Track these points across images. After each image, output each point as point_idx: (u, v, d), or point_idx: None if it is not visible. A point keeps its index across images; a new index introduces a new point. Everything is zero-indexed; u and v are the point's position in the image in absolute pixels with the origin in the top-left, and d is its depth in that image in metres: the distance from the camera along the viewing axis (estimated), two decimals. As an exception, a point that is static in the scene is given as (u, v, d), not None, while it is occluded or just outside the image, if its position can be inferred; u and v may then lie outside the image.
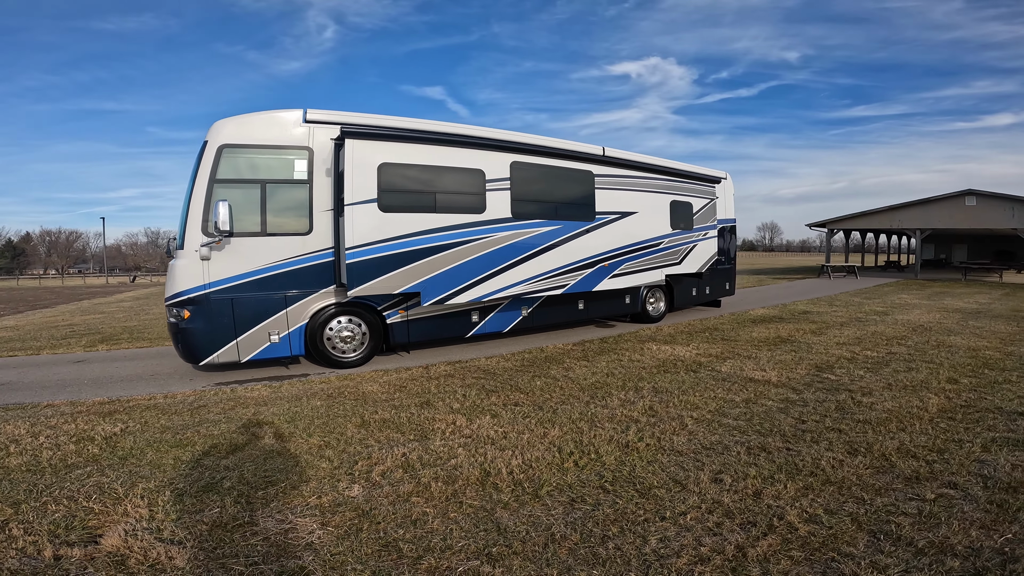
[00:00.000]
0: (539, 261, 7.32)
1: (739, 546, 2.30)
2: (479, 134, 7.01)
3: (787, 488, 2.89)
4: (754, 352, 7.02)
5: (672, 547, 2.32)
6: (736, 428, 3.99)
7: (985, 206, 22.74)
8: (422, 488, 3.00)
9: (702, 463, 3.30)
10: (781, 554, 2.24)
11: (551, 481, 3.05)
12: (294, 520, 2.66)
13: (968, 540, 2.34)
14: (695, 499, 2.78)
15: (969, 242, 36.45)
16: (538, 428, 4.04)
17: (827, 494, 2.83)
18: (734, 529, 2.46)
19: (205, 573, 2.22)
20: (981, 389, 5.13)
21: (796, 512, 2.61)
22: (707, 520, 2.56)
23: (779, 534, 2.40)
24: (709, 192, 10.28)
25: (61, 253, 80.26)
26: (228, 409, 4.77)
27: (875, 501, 2.74)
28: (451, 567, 2.22)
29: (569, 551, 2.31)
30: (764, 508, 2.66)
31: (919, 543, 2.31)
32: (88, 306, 17.61)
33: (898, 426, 4.01)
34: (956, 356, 6.67)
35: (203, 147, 5.77)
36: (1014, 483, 3.00)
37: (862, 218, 26.91)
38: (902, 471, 3.14)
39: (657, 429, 3.97)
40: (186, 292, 5.70)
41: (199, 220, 5.65)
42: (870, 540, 2.36)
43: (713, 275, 11.12)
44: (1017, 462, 3.32)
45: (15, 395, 5.50)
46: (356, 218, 5.86)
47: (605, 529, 2.49)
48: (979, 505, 2.71)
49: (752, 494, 2.83)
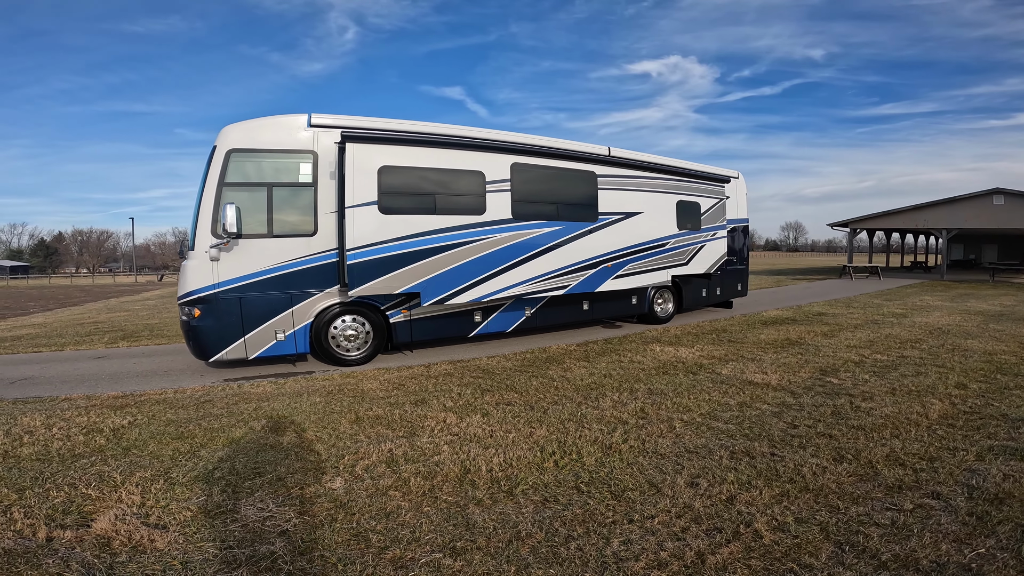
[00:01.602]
0: (540, 262, 7.36)
1: (700, 552, 2.32)
2: (479, 136, 7.08)
3: (762, 494, 2.88)
4: (759, 354, 6.93)
5: (633, 550, 2.35)
6: (724, 432, 3.97)
7: (1014, 205, 21.83)
8: (401, 483, 3.09)
9: (682, 466, 3.30)
10: (740, 563, 2.24)
11: (528, 480, 3.11)
12: (274, 509, 2.78)
13: (936, 554, 2.30)
14: (667, 503, 2.80)
15: (1000, 242, 35.00)
16: (525, 428, 4.10)
17: (802, 502, 2.81)
18: (699, 535, 2.48)
19: (181, 555, 2.36)
20: (990, 395, 4.98)
21: (765, 520, 2.60)
22: (674, 525, 2.57)
23: (743, 542, 2.41)
24: (718, 192, 10.14)
25: (92, 252, 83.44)
26: (232, 404, 4.95)
27: (850, 510, 2.71)
28: (415, 558, 2.31)
29: (531, 549, 2.37)
30: (734, 514, 2.67)
31: (883, 556, 2.28)
32: (115, 304, 18.33)
33: (892, 432, 3.93)
34: (970, 360, 6.47)
35: (212, 152, 5.98)
36: (1001, 494, 2.92)
37: (886, 218, 26.11)
38: (885, 480, 3.10)
39: (644, 431, 3.98)
40: (196, 291, 5.92)
41: (208, 222, 5.86)
42: (834, 551, 2.34)
43: (724, 276, 10.97)
44: (1010, 472, 3.23)
45: (36, 389, 5.80)
46: (357, 220, 6.00)
47: (571, 529, 2.54)
48: (957, 517, 2.66)
49: (725, 500, 2.83)
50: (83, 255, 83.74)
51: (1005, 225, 22.64)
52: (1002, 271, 25.08)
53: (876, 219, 26.49)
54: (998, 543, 2.43)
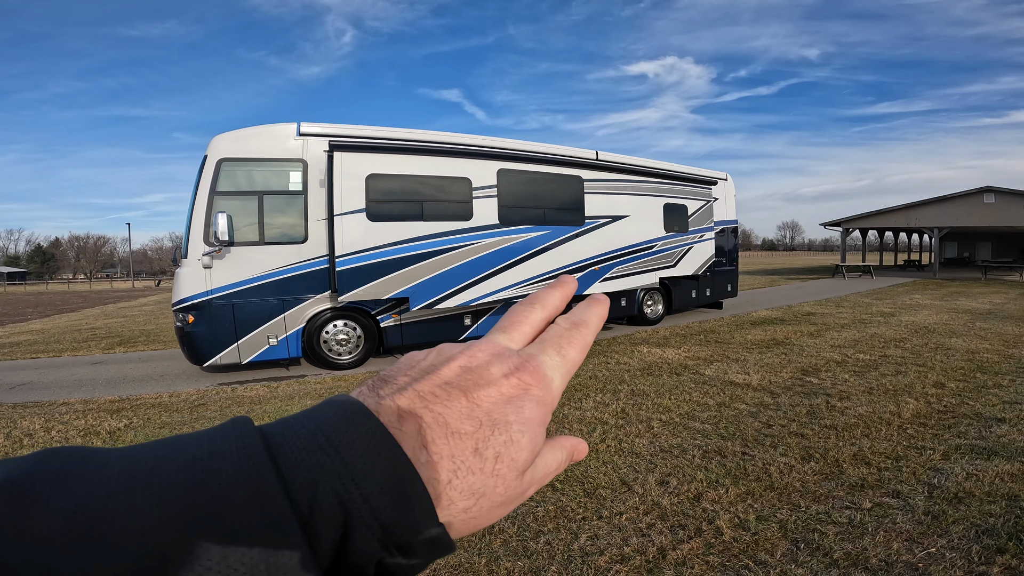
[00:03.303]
0: (527, 266, 7.49)
1: (661, 548, 2.44)
2: (465, 142, 7.22)
3: (728, 493, 3.00)
4: (743, 355, 7.06)
5: (599, 545, 2.47)
6: (700, 432, 4.09)
7: (1005, 203, 22.02)
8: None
9: (655, 465, 3.43)
10: (699, 558, 2.36)
11: (505, 482, 3.23)
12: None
13: (886, 553, 2.42)
14: (636, 500, 2.92)
15: (994, 240, 35.22)
16: (508, 430, 4.22)
17: (765, 500, 2.93)
18: (663, 531, 2.60)
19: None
20: (966, 394, 5.09)
21: (728, 517, 2.73)
22: (640, 521, 2.70)
23: (704, 538, 2.53)
24: (706, 194, 10.28)
25: (89, 258, 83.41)
26: (225, 407, 5.07)
27: (810, 509, 2.83)
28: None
29: (502, 543, 2.49)
30: (699, 512, 2.79)
31: (836, 554, 2.40)
32: (112, 310, 18.42)
33: (863, 432, 4.05)
34: (951, 359, 6.60)
35: (203, 161, 6.10)
36: (961, 493, 3.02)
37: (878, 217, 26.29)
38: (849, 478, 3.22)
39: (622, 431, 4.10)
40: (190, 298, 6.04)
41: (201, 230, 5.98)
42: (789, 549, 2.46)
43: (713, 277, 11.10)
44: (974, 471, 3.34)
45: (35, 394, 5.91)
46: (345, 227, 6.13)
47: (542, 524, 2.66)
48: (914, 516, 2.77)
49: (692, 498, 2.95)
50: (80, 261, 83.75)
51: (997, 223, 22.82)
52: (994, 269, 25.24)
53: (869, 218, 26.67)
54: (949, 543, 2.51)
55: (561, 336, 0.33)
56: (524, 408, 0.28)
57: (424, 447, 0.25)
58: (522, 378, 0.29)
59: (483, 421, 0.27)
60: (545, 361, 0.31)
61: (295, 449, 0.23)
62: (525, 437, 0.28)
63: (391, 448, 0.24)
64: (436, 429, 0.26)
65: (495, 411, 0.28)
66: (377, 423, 0.25)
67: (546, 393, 0.30)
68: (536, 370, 0.30)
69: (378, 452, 0.24)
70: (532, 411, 0.29)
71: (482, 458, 0.26)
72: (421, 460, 0.25)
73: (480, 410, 0.27)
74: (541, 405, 0.29)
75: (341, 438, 0.24)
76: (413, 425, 0.26)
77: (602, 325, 0.35)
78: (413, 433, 0.26)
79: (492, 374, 0.29)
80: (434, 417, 0.26)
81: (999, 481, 3.14)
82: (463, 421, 0.27)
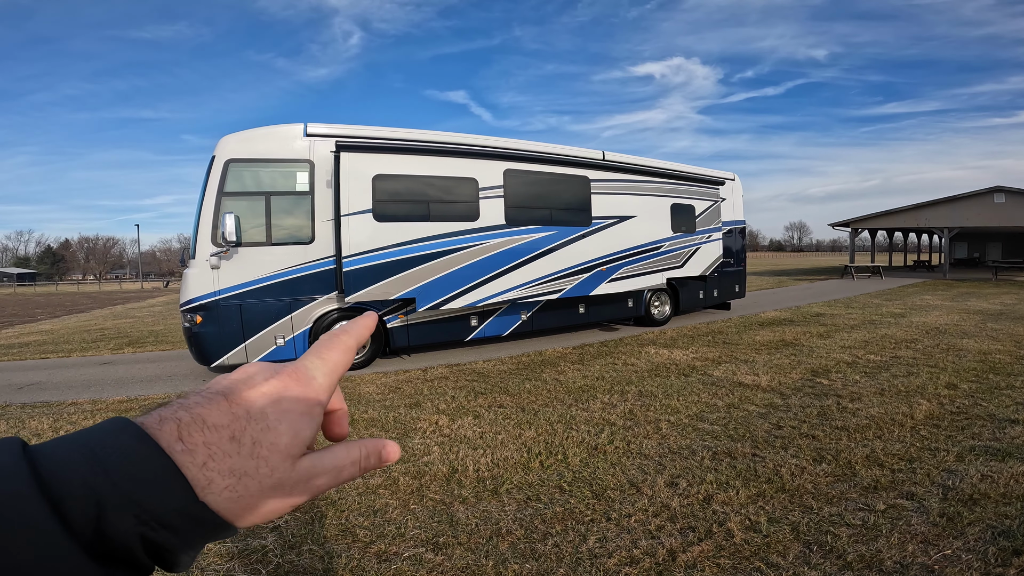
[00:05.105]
0: (534, 266, 7.47)
1: (671, 550, 2.41)
2: (472, 143, 7.21)
3: (739, 495, 2.97)
4: (752, 356, 7.00)
5: (608, 547, 2.44)
6: (710, 433, 4.05)
7: (1015, 203, 21.75)
8: (391, 482, 3.20)
9: (663, 467, 3.39)
10: (709, 561, 2.33)
11: (512, 479, 3.21)
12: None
13: (901, 555, 2.37)
14: (644, 502, 2.89)
15: (1004, 240, 34.79)
16: (515, 429, 4.20)
17: (777, 502, 2.89)
18: (673, 533, 2.57)
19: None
20: (979, 395, 5.02)
21: (739, 519, 2.69)
22: (650, 523, 2.66)
23: (714, 540, 2.49)
24: (713, 194, 10.22)
25: (99, 259, 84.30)
26: (231, 409, 5.09)
27: (823, 511, 2.79)
28: (398, 552, 2.42)
29: (510, 545, 2.47)
30: (709, 514, 2.75)
31: (849, 556, 2.36)
32: (121, 311, 18.57)
33: (875, 433, 4.00)
34: (963, 360, 6.51)
35: (211, 162, 6.13)
36: (976, 495, 2.97)
37: (887, 217, 26.05)
38: (862, 480, 3.17)
39: (630, 432, 4.07)
40: (198, 299, 6.07)
41: (208, 231, 6.01)
42: (802, 551, 2.42)
43: (720, 277, 11.03)
44: (988, 472, 3.29)
45: (44, 394, 5.96)
46: (352, 228, 6.14)
47: (550, 526, 2.64)
48: (928, 518, 2.72)
49: (702, 499, 2.92)
50: (89, 262, 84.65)
51: (1007, 223, 22.55)
52: (1005, 269, 24.93)
53: (877, 219, 26.43)
54: (965, 545, 2.47)
55: (322, 343, 0.38)
56: (282, 402, 0.33)
57: (180, 439, 0.30)
58: (281, 379, 0.34)
59: (239, 415, 0.32)
60: (307, 364, 0.36)
61: (52, 451, 0.28)
62: (283, 424, 0.33)
63: (143, 441, 0.29)
64: (193, 425, 0.31)
65: (253, 407, 0.32)
66: (134, 427, 0.30)
67: (306, 388, 0.35)
68: (296, 371, 0.35)
69: (128, 445, 0.29)
70: (290, 404, 0.33)
71: (239, 443, 0.31)
72: (177, 449, 0.30)
73: (239, 407, 0.32)
74: (300, 399, 0.34)
75: (97, 441, 0.29)
76: (172, 425, 0.30)
77: (367, 332, 0.40)
78: (171, 431, 0.30)
79: (255, 380, 0.34)
80: (192, 417, 0.31)
81: (1014, 482, 3.08)
82: (220, 417, 0.31)
